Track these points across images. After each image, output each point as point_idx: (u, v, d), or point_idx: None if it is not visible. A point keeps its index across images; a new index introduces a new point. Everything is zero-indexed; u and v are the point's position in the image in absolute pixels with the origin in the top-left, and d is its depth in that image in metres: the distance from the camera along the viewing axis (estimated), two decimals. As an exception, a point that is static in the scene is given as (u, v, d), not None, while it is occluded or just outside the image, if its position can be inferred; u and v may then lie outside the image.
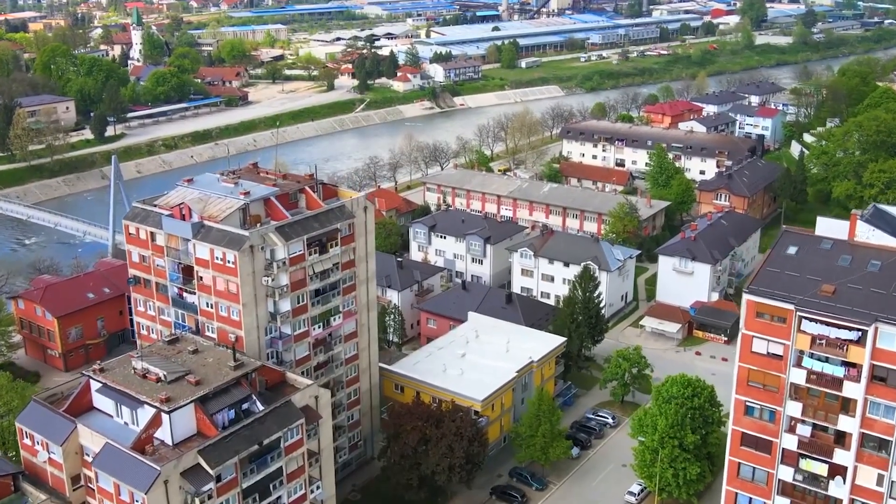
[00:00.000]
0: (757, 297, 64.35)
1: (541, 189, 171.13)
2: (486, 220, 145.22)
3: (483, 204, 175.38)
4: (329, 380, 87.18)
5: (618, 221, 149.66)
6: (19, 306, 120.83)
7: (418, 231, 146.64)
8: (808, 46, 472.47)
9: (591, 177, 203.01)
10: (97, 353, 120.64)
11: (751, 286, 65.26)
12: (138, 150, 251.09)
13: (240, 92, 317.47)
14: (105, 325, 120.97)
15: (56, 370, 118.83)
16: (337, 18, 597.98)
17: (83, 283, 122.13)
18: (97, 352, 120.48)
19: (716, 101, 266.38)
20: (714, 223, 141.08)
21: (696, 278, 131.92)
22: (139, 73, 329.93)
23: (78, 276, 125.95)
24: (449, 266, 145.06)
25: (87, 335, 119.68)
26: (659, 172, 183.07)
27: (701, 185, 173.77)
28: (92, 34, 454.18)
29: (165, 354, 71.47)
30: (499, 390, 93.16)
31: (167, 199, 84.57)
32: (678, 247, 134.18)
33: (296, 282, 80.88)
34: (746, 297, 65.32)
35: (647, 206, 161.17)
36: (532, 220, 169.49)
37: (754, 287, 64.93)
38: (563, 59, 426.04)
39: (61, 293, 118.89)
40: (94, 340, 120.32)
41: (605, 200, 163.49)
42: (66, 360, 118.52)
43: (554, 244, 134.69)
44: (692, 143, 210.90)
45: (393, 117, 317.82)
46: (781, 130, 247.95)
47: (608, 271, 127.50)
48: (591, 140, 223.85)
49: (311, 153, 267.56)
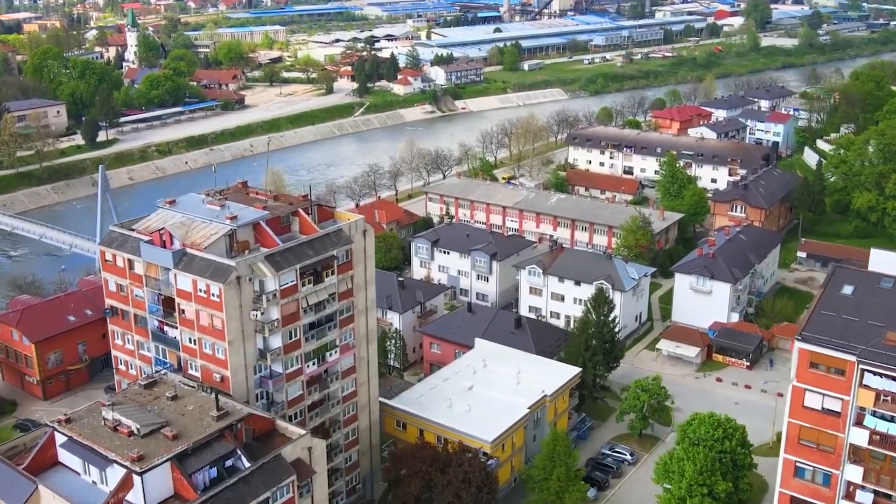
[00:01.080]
0: (812, 345, 56.78)
1: (548, 200, 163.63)
2: (492, 234, 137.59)
3: (487, 215, 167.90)
4: (324, 420, 79.68)
5: (630, 235, 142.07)
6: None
7: (420, 246, 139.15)
8: (814, 48, 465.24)
9: (598, 185, 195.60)
10: (78, 380, 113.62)
11: (804, 332, 57.70)
12: (131, 155, 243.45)
13: (236, 95, 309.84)
14: (87, 349, 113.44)
15: (34, 398, 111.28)
16: (336, 19, 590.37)
17: (63, 305, 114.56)
18: (78, 378, 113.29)
19: (725, 106, 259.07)
20: (732, 238, 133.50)
21: (714, 298, 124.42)
22: (134, 75, 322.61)
23: (58, 297, 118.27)
24: (453, 283, 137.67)
25: (68, 360, 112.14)
26: (670, 182, 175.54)
27: (715, 196, 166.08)
28: (87, 36, 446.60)
29: (140, 401, 63.97)
30: (510, 429, 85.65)
31: (147, 223, 77.07)
32: (695, 264, 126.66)
33: (288, 315, 73.38)
34: (799, 345, 57.77)
35: (660, 219, 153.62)
36: (539, 232, 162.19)
37: (808, 334, 57.35)
38: (566, 61, 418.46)
39: (40, 316, 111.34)
40: (75, 366, 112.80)
41: (616, 212, 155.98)
42: (45, 388, 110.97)
43: (564, 261, 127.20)
44: (703, 151, 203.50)
45: (393, 121, 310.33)
46: (794, 136, 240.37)
47: (622, 291, 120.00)
48: (598, 147, 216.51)
49: (310, 159, 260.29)
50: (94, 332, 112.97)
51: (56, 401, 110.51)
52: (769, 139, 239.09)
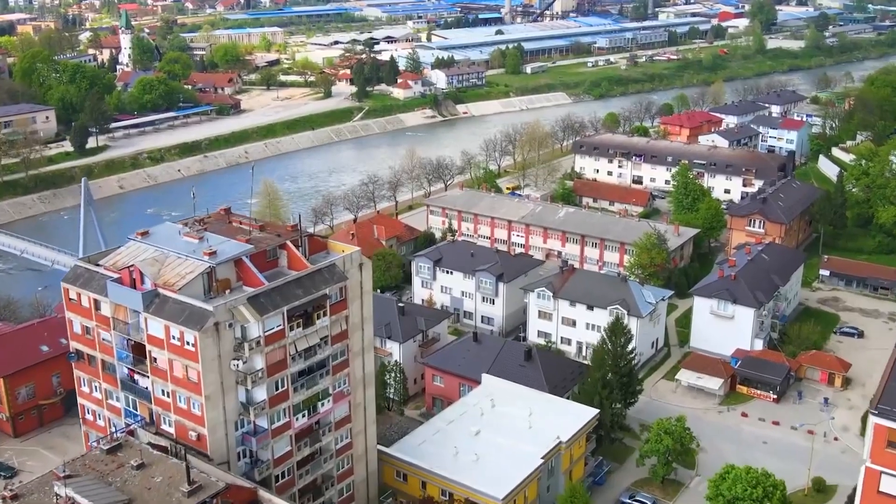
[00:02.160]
0: (891, 421, 48.37)
1: (556, 214, 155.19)
2: (498, 253, 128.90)
3: (492, 229, 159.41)
4: (316, 477, 71.34)
5: (644, 253, 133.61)
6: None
7: (422, 266, 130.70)
8: (821, 51, 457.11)
9: (607, 196, 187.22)
10: (52, 415, 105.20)
11: (880, 405, 49.22)
12: (121, 163, 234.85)
13: (232, 100, 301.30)
14: (61, 381, 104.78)
15: (4, 435, 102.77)
16: (335, 21, 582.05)
17: (36, 333, 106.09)
18: (52, 413, 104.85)
19: (736, 112, 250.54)
20: (754, 258, 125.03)
21: (737, 323, 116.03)
22: (128, 78, 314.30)
23: (31, 325, 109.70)
24: (456, 305, 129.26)
25: (41, 394, 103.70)
26: (684, 194, 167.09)
27: (731, 210, 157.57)
28: (81, 37, 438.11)
29: (102, 470, 55.59)
30: (522, 483, 77.17)
31: (116, 258, 68.62)
32: (716, 287, 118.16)
33: (274, 364, 65.07)
34: (875, 420, 49.38)
35: (675, 235, 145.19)
36: (546, 248, 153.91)
37: (885, 407, 48.93)
38: (569, 63, 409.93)
39: (9, 346, 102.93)
40: (49, 400, 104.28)
41: (628, 228, 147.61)
42: (16, 424, 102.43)
43: (576, 284, 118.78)
44: (716, 160, 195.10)
45: (393, 126, 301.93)
46: (808, 144, 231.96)
47: (639, 317, 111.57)
48: (606, 155, 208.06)
49: (307, 166, 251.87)
50: (69, 363, 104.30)
51: (27, 438, 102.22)
52: (782, 147, 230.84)
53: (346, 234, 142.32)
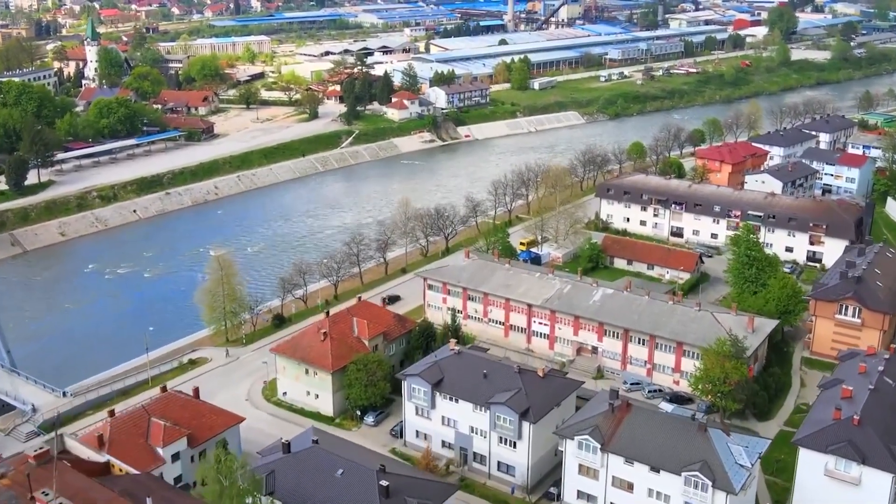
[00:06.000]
0: None
1: (590, 296, 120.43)
2: (522, 373, 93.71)
3: (507, 313, 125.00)
4: None
5: (716, 368, 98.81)
6: None
7: (417, 388, 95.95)
8: (848, 63, 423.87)
9: (645, 258, 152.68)
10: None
11: None
12: (65, 204, 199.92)
13: (203, 123, 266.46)
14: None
15: None
16: (329, 28, 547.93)
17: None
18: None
19: (782, 143, 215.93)
20: (877, 384, 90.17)
21: (866, 492, 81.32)
22: (91, 96, 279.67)
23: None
24: (463, 443, 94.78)
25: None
26: (746, 264, 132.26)
27: (816, 292, 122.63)
28: (50, 48, 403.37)
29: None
30: None
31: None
32: (832, 436, 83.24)
33: None
34: None
35: (748, 331, 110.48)
36: (577, 340, 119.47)
37: None
38: (580, 78, 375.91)
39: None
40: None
41: (686, 320, 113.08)
42: None
43: (632, 429, 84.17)
44: (775, 211, 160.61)
45: (386, 153, 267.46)
46: (872, 183, 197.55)
47: (730, 493, 76.96)
48: (639, 202, 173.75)
49: (287, 203, 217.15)
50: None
51: None
52: (841, 186, 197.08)
53: (315, 333, 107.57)
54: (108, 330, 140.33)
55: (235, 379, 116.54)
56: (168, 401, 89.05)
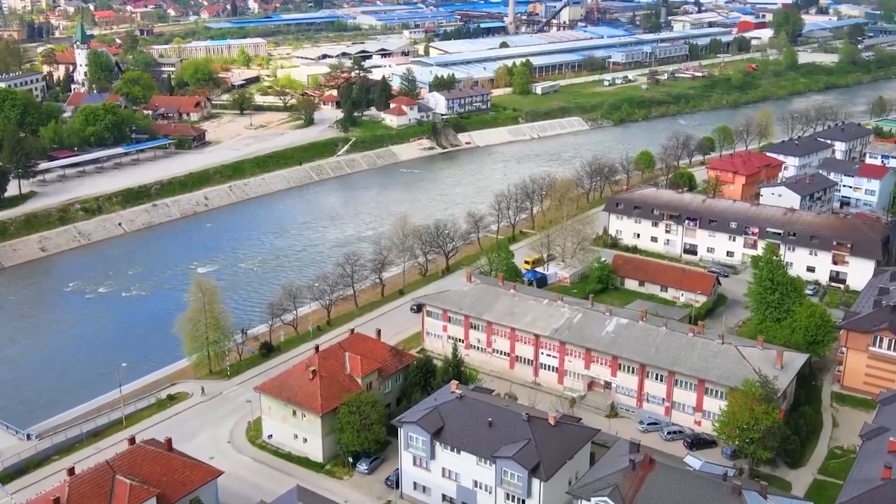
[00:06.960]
0: None
1: (603, 326, 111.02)
2: (531, 421, 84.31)
3: (512, 344, 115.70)
4: None
5: (744, 411, 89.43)
6: None
7: (414, 437, 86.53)
8: (857, 66, 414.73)
9: (658, 280, 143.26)
10: None
11: None
12: (46, 217, 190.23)
13: (195, 130, 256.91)
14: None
15: None
16: (327, 30, 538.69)
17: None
18: None
19: (797, 152, 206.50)
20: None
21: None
22: (79, 101, 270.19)
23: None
24: (466, 499, 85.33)
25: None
26: (769, 288, 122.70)
27: (848, 322, 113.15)
28: (40, 51, 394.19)
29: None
30: None
31: None
32: (882, 499, 73.87)
33: None
34: None
35: (777, 367, 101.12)
36: (589, 375, 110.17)
37: None
38: (583, 82, 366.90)
39: None
40: None
41: (709, 354, 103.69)
42: None
43: (656, 490, 74.86)
44: (797, 229, 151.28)
45: (384, 161, 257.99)
46: (892, 195, 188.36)
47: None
48: (650, 217, 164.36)
49: (279, 215, 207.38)
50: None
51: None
52: (860, 199, 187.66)
53: (304, 371, 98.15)
54: (82, 357, 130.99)
55: (217, 417, 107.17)
56: (136, 454, 79.66)
